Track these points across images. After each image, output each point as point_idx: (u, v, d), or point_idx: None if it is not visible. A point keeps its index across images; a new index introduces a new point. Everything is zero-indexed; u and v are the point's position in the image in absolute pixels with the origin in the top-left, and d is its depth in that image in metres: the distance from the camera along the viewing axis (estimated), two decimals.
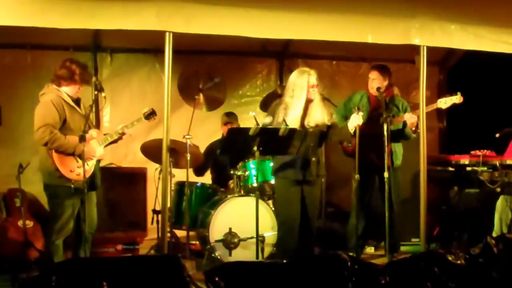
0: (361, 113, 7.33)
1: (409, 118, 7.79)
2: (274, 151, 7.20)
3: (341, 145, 8.19)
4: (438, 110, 8.39)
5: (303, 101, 7.08)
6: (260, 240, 7.11)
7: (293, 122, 6.99)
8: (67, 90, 6.79)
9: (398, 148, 8.12)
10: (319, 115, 7.15)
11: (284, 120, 6.87)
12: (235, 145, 7.08)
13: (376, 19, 7.56)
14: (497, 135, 8.25)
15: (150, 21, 6.87)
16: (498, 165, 8.18)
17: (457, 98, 7.85)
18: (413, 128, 7.86)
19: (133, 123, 7.13)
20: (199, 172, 9.17)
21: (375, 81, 8.15)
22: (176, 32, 6.93)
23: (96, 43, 9.49)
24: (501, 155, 8.49)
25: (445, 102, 7.86)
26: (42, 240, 7.67)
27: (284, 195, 7.27)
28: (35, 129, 6.61)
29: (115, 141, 7.10)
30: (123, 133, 7.07)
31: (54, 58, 8.35)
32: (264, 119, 7.17)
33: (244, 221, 7.58)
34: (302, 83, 7.11)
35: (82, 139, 6.49)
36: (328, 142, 7.59)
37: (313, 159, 7.15)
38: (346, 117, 7.68)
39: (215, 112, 9.06)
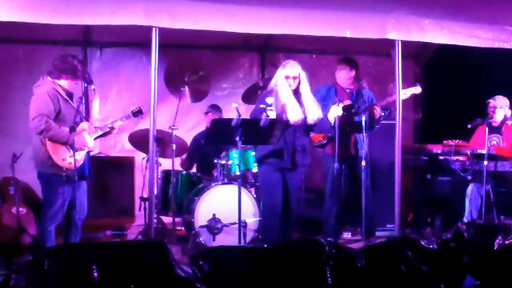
0: (341, 105, 7.59)
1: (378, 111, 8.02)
2: (255, 141, 7.33)
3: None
4: (415, 101, 8.51)
5: (287, 92, 7.21)
6: (242, 225, 7.28)
7: (295, 115, 7.12)
8: (64, 84, 6.81)
9: (361, 138, 8.03)
10: (315, 109, 7.28)
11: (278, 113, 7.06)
12: (218, 135, 7.17)
13: (354, 15, 7.70)
14: (469, 125, 8.39)
15: (137, 17, 6.97)
16: (469, 154, 8.36)
17: (416, 89, 8.12)
18: (376, 119, 8.06)
19: (123, 120, 7.18)
20: (187, 165, 9.35)
21: (343, 73, 8.33)
22: (162, 27, 7.05)
23: (86, 38, 9.58)
24: (468, 142, 8.68)
25: (404, 93, 8.03)
26: (35, 226, 7.74)
27: (267, 180, 7.36)
28: (31, 119, 6.65)
29: (104, 134, 7.14)
30: (113, 128, 7.10)
31: (46, 52, 8.63)
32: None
33: (227, 207, 7.80)
34: (280, 75, 7.29)
35: (73, 129, 6.53)
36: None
37: (299, 148, 7.25)
38: None
39: (199, 104, 9.23)
